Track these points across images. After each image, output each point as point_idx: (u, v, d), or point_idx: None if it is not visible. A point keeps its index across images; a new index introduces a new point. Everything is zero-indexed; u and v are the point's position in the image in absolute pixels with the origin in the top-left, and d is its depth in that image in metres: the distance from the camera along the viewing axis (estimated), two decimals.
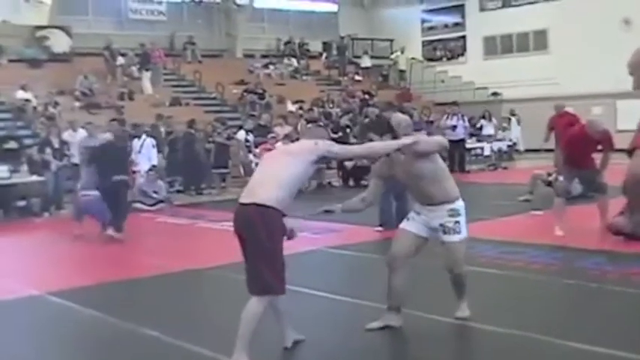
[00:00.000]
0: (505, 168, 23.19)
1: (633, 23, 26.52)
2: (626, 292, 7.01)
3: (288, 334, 5.73)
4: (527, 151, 25.46)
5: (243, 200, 5.36)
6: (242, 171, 18.85)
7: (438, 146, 5.95)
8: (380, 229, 11.09)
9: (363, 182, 19.16)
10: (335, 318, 6.48)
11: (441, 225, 5.88)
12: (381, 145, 5.68)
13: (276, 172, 5.35)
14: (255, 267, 5.26)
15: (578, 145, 10.23)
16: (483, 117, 25.64)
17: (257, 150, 18.37)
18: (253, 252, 5.26)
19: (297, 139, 18.57)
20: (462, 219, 5.93)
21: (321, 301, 7.31)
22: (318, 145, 5.50)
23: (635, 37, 25.97)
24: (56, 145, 15.78)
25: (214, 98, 25.98)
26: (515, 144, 25.63)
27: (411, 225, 6.02)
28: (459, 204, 5.95)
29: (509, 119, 26.32)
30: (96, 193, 11.69)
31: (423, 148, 5.64)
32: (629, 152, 3.55)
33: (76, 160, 16.10)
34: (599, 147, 10.34)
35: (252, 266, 5.29)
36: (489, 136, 24.81)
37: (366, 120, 20.33)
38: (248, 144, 18.41)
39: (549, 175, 14.22)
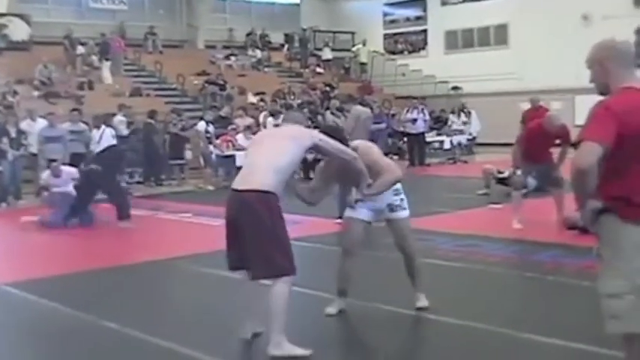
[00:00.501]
0: (465, 162, 23.35)
1: (592, 19, 26.78)
2: (581, 285, 7.09)
3: (251, 325, 5.67)
4: (485, 145, 25.62)
5: (238, 187, 5.32)
6: (202, 162, 18.77)
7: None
8: (340, 221, 11.09)
9: None
10: (294, 310, 6.47)
11: (389, 205, 6.11)
12: (359, 163, 5.70)
13: (273, 157, 5.31)
14: (264, 251, 5.18)
15: (535, 139, 10.34)
16: (452, 112, 25.80)
17: (217, 141, 18.31)
18: (258, 237, 5.18)
19: (256, 132, 18.67)
20: (404, 197, 6.20)
21: None
22: (313, 133, 5.59)
23: (594, 32, 26.23)
24: (13, 135, 15.57)
25: (175, 89, 25.80)
26: (474, 138, 25.78)
27: (358, 212, 6.16)
28: (399, 184, 6.17)
29: (469, 113, 26.47)
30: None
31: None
32: (575, 145, 3.63)
33: (33, 149, 15.93)
34: (558, 142, 10.47)
35: (259, 251, 5.19)
36: (460, 131, 25.02)
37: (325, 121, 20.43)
38: (208, 135, 18.31)
39: (500, 172, 14.39)
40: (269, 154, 5.36)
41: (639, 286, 3.62)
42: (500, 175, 14.52)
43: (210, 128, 18.42)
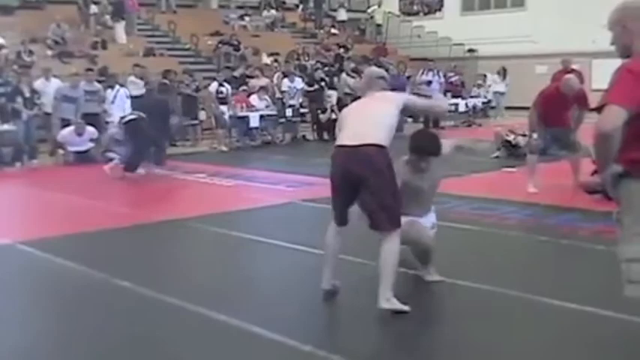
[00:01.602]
0: (480, 125, 23.22)
1: None
2: (596, 249, 7.07)
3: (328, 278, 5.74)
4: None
5: (351, 142, 5.41)
6: (214, 122, 18.75)
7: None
8: None
9: None
10: (308, 270, 6.48)
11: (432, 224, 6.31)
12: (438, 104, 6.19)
13: (380, 117, 5.49)
14: (386, 203, 5.31)
15: (553, 103, 10.25)
16: (498, 73, 25.54)
17: (232, 102, 18.24)
18: (380, 189, 5.31)
19: (274, 93, 18.57)
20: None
21: (294, 254, 7.32)
22: (403, 96, 5.80)
23: None
24: (27, 94, 15.56)
25: (188, 49, 25.69)
26: (490, 101, 25.60)
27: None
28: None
29: (485, 76, 26.27)
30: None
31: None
32: (599, 110, 3.55)
33: (47, 109, 15.93)
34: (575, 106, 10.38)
35: (381, 203, 5.30)
36: (502, 94, 24.90)
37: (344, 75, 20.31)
38: (221, 95, 18.23)
39: (512, 133, 14.36)
40: (376, 114, 5.52)
41: None
42: (508, 138, 14.52)
43: (224, 89, 18.33)
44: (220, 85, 18.38)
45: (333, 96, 19.93)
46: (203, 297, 5.80)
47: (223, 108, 18.11)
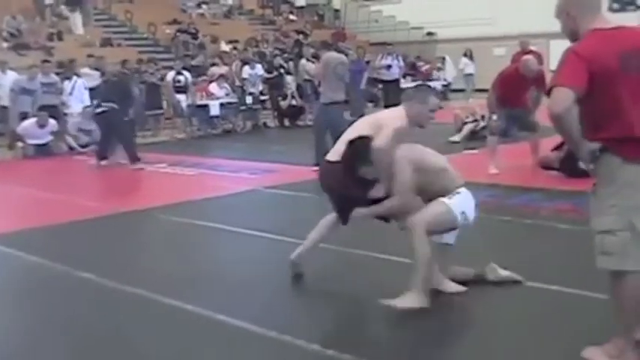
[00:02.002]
0: (440, 107, 23.21)
1: None
2: (559, 227, 7.15)
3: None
4: (460, 91, 25.57)
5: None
6: (172, 112, 18.66)
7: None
8: (316, 168, 11.07)
9: (299, 123, 19.18)
10: (273, 258, 6.48)
11: None
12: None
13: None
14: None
15: (511, 85, 10.31)
16: (465, 55, 25.55)
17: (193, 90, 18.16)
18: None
19: (233, 81, 18.42)
20: None
21: (259, 241, 7.31)
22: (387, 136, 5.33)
23: None
24: None
25: (146, 38, 25.49)
26: (450, 84, 25.69)
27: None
28: None
29: (444, 59, 26.37)
30: None
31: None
32: (548, 93, 3.66)
33: (4, 102, 15.72)
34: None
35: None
36: (471, 75, 24.96)
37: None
38: (179, 84, 18.09)
39: (471, 115, 14.52)
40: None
41: (633, 224, 3.67)
42: (467, 120, 14.65)
43: (182, 77, 18.18)
44: (178, 73, 18.25)
45: (292, 82, 19.91)
46: (169, 287, 5.77)
47: (181, 97, 17.99)
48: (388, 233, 5.92)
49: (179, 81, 18.09)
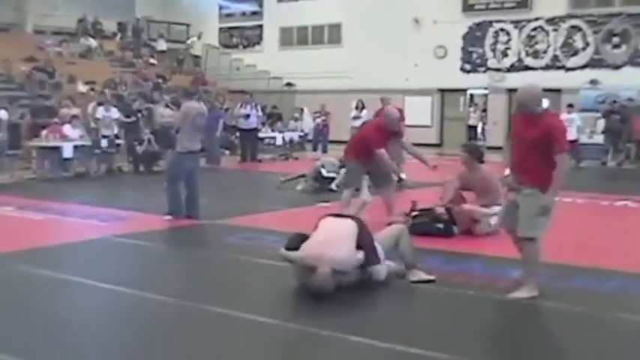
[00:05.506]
0: (296, 158, 23.51)
1: (423, 23, 27.63)
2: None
3: None
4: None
5: None
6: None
7: None
8: (169, 217, 10.93)
9: (155, 168, 18.89)
10: (119, 311, 6.29)
11: None
12: None
13: None
14: None
15: (382, 137, 10.31)
16: (356, 107, 25.38)
17: (44, 132, 17.63)
18: None
19: (88, 123, 17.92)
20: None
21: (104, 294, 7.06)
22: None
23: (424, 36, 27.19)
24: None
25: (1, 75, 24.66)
26: (306, 134, 25.98)
27: None
28: None
29: (302, 110, 26.71)
30: None
31: None
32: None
33: None
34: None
35: None
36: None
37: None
38: None
39: (321, 167, 14.80)
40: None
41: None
42: (322, 171, 14.87)
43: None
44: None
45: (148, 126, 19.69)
46: (5, 343, 5.50)
47: None
48: None
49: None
